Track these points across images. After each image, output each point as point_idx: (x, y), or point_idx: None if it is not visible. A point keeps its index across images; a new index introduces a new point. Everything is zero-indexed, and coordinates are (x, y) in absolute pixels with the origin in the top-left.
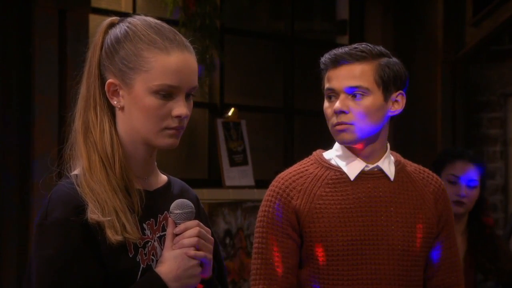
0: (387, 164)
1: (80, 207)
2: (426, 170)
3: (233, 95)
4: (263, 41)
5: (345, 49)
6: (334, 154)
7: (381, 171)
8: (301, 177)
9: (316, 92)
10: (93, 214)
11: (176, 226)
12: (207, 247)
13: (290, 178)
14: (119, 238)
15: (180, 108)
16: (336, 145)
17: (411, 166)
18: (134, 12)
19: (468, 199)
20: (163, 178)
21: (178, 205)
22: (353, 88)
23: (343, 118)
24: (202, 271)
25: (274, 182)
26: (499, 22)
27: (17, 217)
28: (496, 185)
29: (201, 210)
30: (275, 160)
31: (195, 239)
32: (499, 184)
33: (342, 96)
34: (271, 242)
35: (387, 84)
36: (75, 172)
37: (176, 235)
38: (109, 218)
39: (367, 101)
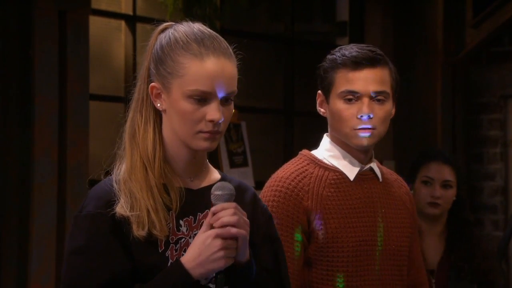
0: (376, 166)
1: (111, 202)
2: (394, 173)
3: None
4: (263, 42)
5: (363, 50)
6: (327, 154)
7: (372, 172)
8: (304, 177)
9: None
10: (120, 208)
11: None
12: (242, 227)
13: (294, 178)
14: (143, 233)
15: (214, 112)
16: (327, 145)
17: (384, 169)
18: (134, 13)
19: (443, 200)
20: (215, 177)
21: (219, 187)
22: (379, 93)
23: (368, 122)
24: (236, 254)
25: (276, 182)
26: (499, 24)
27: (17, 217)
28: (496, 186)
29: (258, 208)
30: (275, 162)
31: (234, 217)
32: (499, 186)
33: (367, 100)
34: (283, 243)
35: (396, 89)
36: (120, 170)
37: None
38: (135, 213)
39: (388, 106)
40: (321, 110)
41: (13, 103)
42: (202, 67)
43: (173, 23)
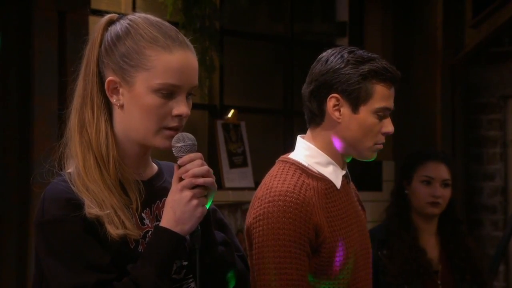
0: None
1: (76, 204)
2: None
3: (233, 97)
4: (262, 42)
5: (393, 67)
6: (311, 161)
7: (345, 176)
8: (306, 189)
9: None
10: (90, 209)
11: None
12: (210, 175)
13: (299, 191)
14: (121, 232)
15: (181, 107)
16: (307, 151)
17: None
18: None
19: (443, 200)
20: (154, 167)
21: (179, 139)
22: None
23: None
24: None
25: (282, 197)
26: (498, 24)
27: (17, 217)
28: (496, 186)
29: None
30: (275, 162)
31: (205, 168)
32: (498, 186)
33: (389, 117)
34: (295, 261)
35: None
36: (69, 170)
37: (181, 179)
38: (107, 212)
39: None
40: (336, 114)
41: (13, 103)
42: (171, 60)
43: (117, 15)
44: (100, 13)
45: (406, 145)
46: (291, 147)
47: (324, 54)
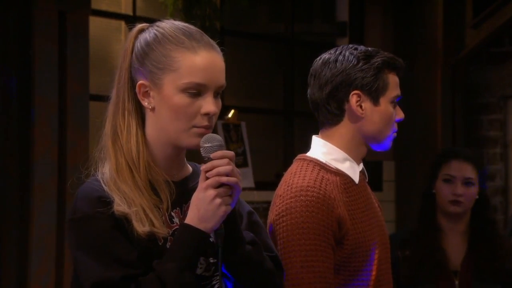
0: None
1: (106, 201)
2: None
3: (233, 97)
4: (263, 43)
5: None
6: (328, 158)
7: (362, 172)
8: (326, 184)
9: None
10: (119, 206)
11: (206, 163)
12: (235, 175)
13: (320, 186)
14: (147, 229)
15: (209, 105)
16: (324, 148)
17: None
18: (134, 14)
19: (465, 198)
20: (189, 168)
21: (207, 139)
22: None
23: None
24: (232, 201)
25: (304, 192)
26: (499, 24)
27: (17, 218)
28: (496, 186)
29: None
30: (275, 162)
31: (230, 167)
32: (499, 186)
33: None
34: (320, 254)
35: None
36: (104, 171)
37: (206, 175)
38: (134, 209)
39: None
40: (359, 110)
41: (13, 104)
42: (195, 60)
43: (148, 24)
44: (100, 13)
45: (406, 145)
46: (291, 147)
47: (326, 56)
